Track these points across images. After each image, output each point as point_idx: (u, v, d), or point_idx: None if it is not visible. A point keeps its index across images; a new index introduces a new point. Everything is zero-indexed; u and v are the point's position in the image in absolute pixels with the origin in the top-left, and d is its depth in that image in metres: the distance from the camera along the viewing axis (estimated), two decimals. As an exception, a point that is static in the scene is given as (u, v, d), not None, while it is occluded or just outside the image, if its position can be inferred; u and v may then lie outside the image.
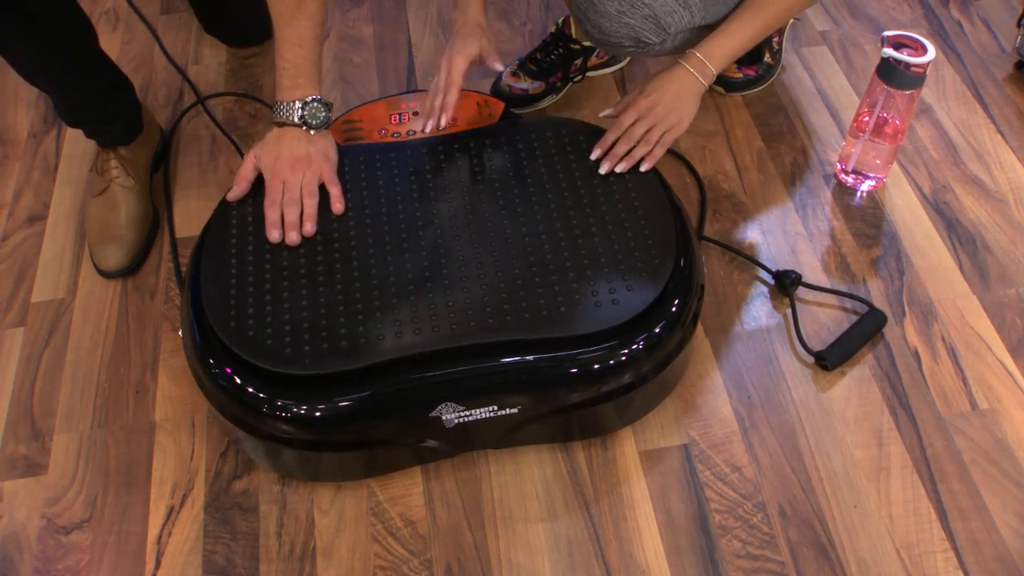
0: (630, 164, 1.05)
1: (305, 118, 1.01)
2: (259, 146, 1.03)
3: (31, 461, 1.05)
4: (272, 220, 0.99)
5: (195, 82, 1.48)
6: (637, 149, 1.06)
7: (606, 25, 1.12)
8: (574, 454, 1.04)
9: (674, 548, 0.97)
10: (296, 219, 1.00)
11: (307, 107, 1.01)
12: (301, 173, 1.01)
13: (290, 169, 1.01)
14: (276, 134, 1.03)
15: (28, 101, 1.47)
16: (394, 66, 1.51)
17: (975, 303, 1.17)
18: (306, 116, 1.01)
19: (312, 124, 1.02)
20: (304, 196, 1.01)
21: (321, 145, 1.03)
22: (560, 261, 0.97)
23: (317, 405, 0.90)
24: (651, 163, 1.05)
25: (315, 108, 1.02)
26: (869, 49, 1.50)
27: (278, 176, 1.01)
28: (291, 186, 1.00)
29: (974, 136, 1.36)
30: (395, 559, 0.97)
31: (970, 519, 0.98)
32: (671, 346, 0.98)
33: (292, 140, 1.02)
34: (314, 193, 1.01)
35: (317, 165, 1.02)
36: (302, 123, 1.01)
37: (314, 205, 1.01)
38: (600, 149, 1.06)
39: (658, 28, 1.11)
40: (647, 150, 1.06)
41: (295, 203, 1.00)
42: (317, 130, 1.02)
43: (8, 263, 1.25)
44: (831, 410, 1.07)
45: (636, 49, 1.15)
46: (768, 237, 1.25)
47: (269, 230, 0.99)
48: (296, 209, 1.00)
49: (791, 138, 1.37)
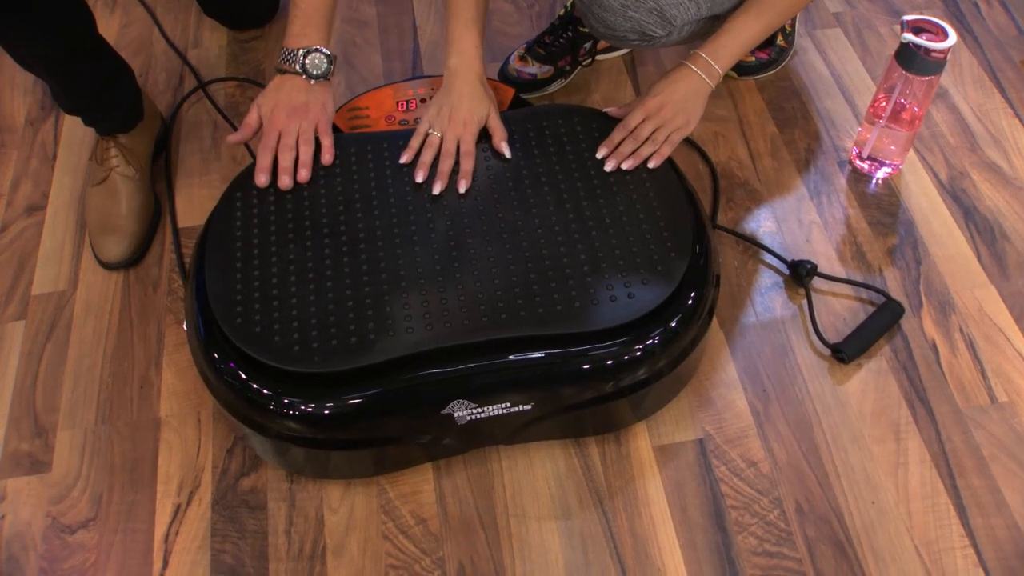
0: (636, 163, 1.02)
1: (307, 67, 1.02)
2: (261, 94, 1.04)
3: (35, 458, 1.03)
4: (263, 165, 1.00)
5: (196, 66, 1.45)
6: (643, 148, 1.03)
7: (610, 19, 1.09)
8: (587, 449, 1.02)
9: (690, 545, 0.96)
10: (290, 164, 1.00)
11: (309, 56, 1.02)
12: (298, 121, 1.01)
13: (287, 116, 1.01)
14: (277, 82, 1.03)
15: (25, 87, 1.44)
16: (399, 49, 1.48)
17: (993, 293, 1.15)
18: (308, 66, 1.02)
19: (313, 74, 1.02)
20: (300, 144, 1.01)
21: (319, 95, 1.03)
22: (574, 255, 0.94)
23: (326, 403, 0.88)
24: (658, 161, 1.03)
25: (318, 58, 1.02)
26: (884, 32, 1.47)
27: (275, 124, 1.01)
28: (287, 132, 1.01)
29: (991, 121, 1.34)
30: (407, 558, 0.95)
31: (990, 515, 0.97)
32: (687, 340, 0.96)
33: (291, 88, 1.02)
34: (310, 141, 1.02)
35: (314, 115, 1.02)
36: (303, 72, 1.02)
37: (309, 152, 1.01)
38: (606, 148, 1.04)
39: (663, 21, 1.08)
40: (653, 149, 1.03)
41: (289, 149, 1.01)
42: (318, 80, 1.03)
43: (7, 254, 1.22)
44: (848, 404, 1.06)
45: (641, 42, 1.12)
46: (782, 226, 1.22)
47: (258, 174, 1.00)
48: (290, 155, 1.01)
49: (805, 124, 1.34)
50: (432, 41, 1.49)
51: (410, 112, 1.13)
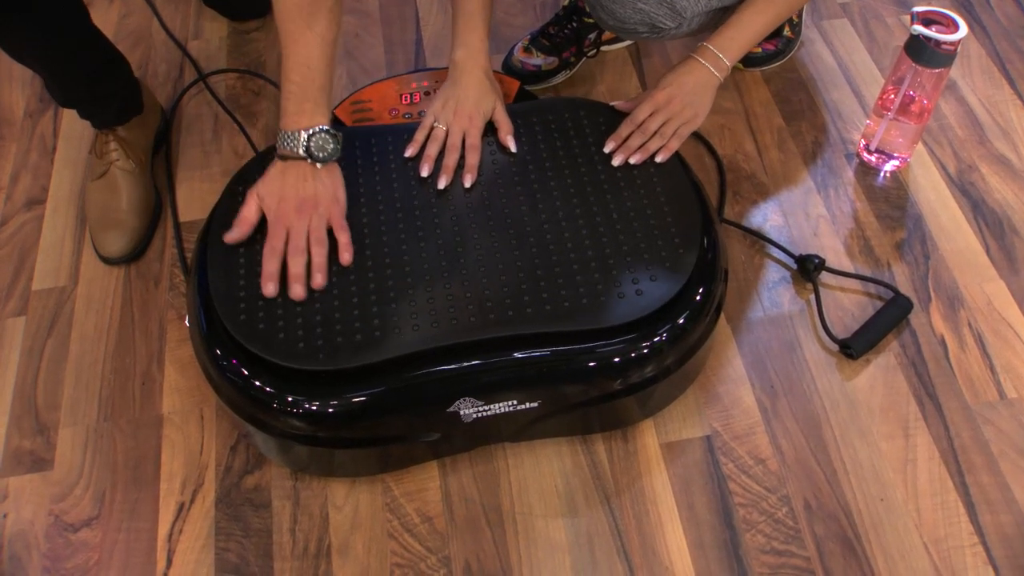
0: (644, 157, 1.01)
1: (311, 151, 0.91)
2: (261, 182, 0.93)
3: (36, 456, 1.02)
4: (269, 272, 0.89)
5: (196, 58, 1.43)
6: (651, 142, 1.02)
7: (619, 12, 1.08)
8: (594, 446, 1.02)
9: (697, 543, 0.95)
10: (302, 271, 0.90)
11: (313, 138, 0.91)
12: (307, 217, 0.91)
13: (296, 212, 0.91)
14: (279, 169, 0.93)
15: (23, 79, 1.42)
16: (401, 40, 1.46)
17: (1002, 288, 1.14)
18: (312, 148, 0.91)
19: (319, 157, 0.92)
20: (312, 244, 0.91)
21: (329, 183, 0.93)
22: (581, 250, 0.93)
23: (331, 401, 0.87)
24: (666, 155, 1.02)
25: (322, 139, 0.92)
26: (891, 22, 1.46)
27: (282, 220, 0.91)
28: (297, 232, 0.90)
29: (1000, 113, 1.32)
30: (412, 556, 0.95)
31: (999, 512, 0.96)
32: (696, 337, 0.95)
33: (297, 177, 0.92)
34: (323, 240, 0.91)
35: (325, 208, 0.92)
36: (307, 156, 0.92)
37: (323, 254, 0.91)
38: (614, 142, 1.02)
39: (673, 13, 1.07)
40: (662, 143, 1.02)
41: (301, 252, 0.90)
42: (324, 163, 0.93)
43: (7, 249, 1.21)
44: (856, 400, 1.05)
45: (651, 34, 1.11)
46: (789, 219, 1.21)
47: (265, 283, 0.89)
48: (302, 259, 0.90)
49: (812, 116, 1.33)
50: (435, 32, 1.47)
51: (414, 105, 1.12)
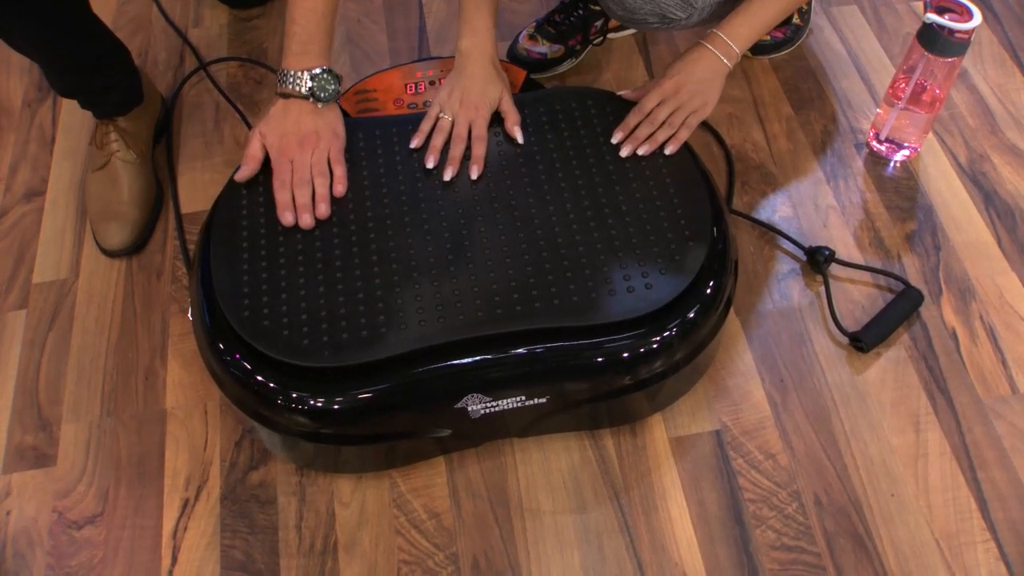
0: (652, 148, 1.00)
1: (314, 90, 0.95)
2: (263, 121, 0.97)
3: (39, 452, 1.01)
4: (283, 201, 0.94)
5: (196, 46, 1.41)
6: (660, 132, 1.00)
7: (629, 2, 1.06)
8: (602, 441, 1.01)
9: (707, 539, 0.94)
10: (308, 201, 0.94)
11: (316, 79, 0.95)
12: (310, 151, 0.96)
13: (298, 147, 0.95)
14: (281, 106, 0.96)
15: (21, 67, 1.40)
16: (404, 28, 1.44)
17: (1014, 280, 1.13)
18: (315, 88, 0.95)
19: (321, 97, 0.96)
20: (314, 175, 0.95)
21: (329, 120, 0.97)
22: (590, 243, 0.92)
23: (337, 398, 0.86)
24: (675, 146, 1.00)
25: (325, 80, 0.96)
26: (901, 8, 1.43)
27: (285, 154, 0.95)
28: (300, 165, 0.95)
29: (1012, 102, 1.31)
30: (420, 553, 0.94)
31: (1011, 508, 0.95)
32: (706, 331, 0.93)
33: (299, 114, 0.96)
34: (325, 172, 0.96)
35: (326, 142, 0.97)
36: (310, 95, 0.95)
37: (326, 185, 0.95)
38: (622, 132, 1.01)
39: (685, 3, 1.05)
40: (670, 133, 1.00)
41: (305, 183, 0.95)
42: (325, 103, 0.97)
43: (7, 241, 1.20)
44: (867, 394, 1.04)
45: (661, 25, 1.09)
46: (799, 210, 1.20)
47: (282, 212, 0.94)
48: (307, 190, 0.95)
49: (821, 104, 1.31)
50: (439, 20, 1.45)
51: (419, 95, 1.10)
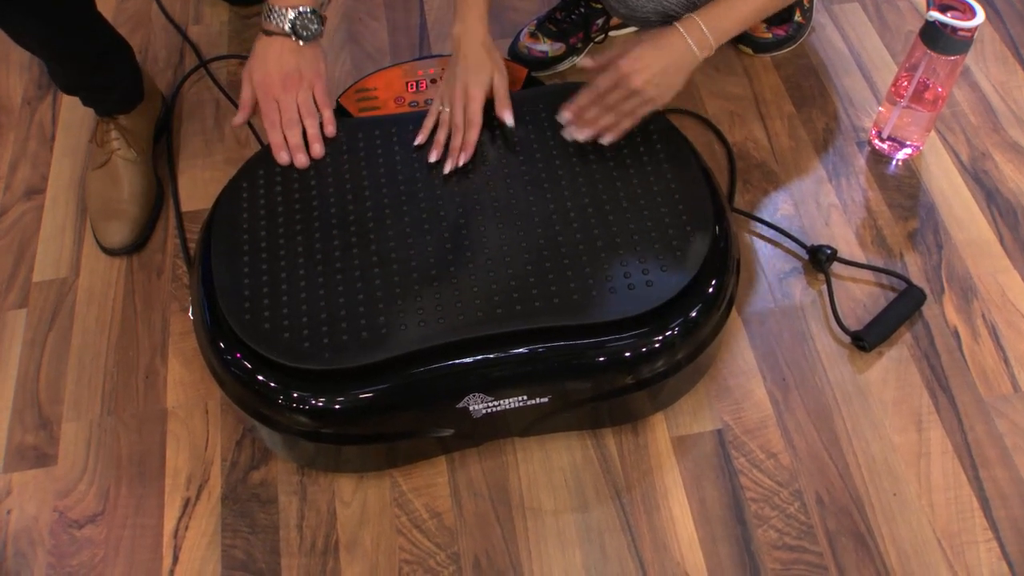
0: (592, 135, 0.98)
1: (296, 28, 0.96)
2: (248, 61, 0.98)
3: (40, 451, 1.01)
4: (277, 142, 0.97)
5: (197, 44, 1.41)
6: (603, 118, 0.98)
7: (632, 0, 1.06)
8: (604, 440, 1.00)
9: (709, 539, 0.94)
10: (300, 141, 0.97)
11: (300, 17, 0.95)
12: (294, 91, 0.97)
13: (281, 86, 0.96)
14: (263, 44, 0.97)
15: (21, 64, 1.40)
16: (405, 25, 1.44)
17: (1016, 278, 1.12)
18: (297, 26, 0.96)
19: (303, 35, 0.96)
20: (304, 116, 0.97)
21: (311, 58, 0.98)
22: (590, 241, 0.92)
23: (338, 399, 0.86)
24: (613, 137, 0.98)
25: (307, 19, 0.96)
26: (903, 6, 1.43)
27: (270, 94, 0.97)
28: (287, 106, 0.97)
29: (1014, 99, 1.30)
30: (421, 552, 0.94)
31: (1014, 507, 0.95)
32: (708, 330, 0.93)
33: (280, 52, 0.96)
34: (313, 113, 0.98)
35: (309, 81, 0.97)
36: (292, 33, 0.96)
37: (316, 125, 0.98)
38: (570, 112, 0.98)
39: (688, 1, 1.04)
40: (613, 121, 0.97)
41: (295, 124, 0.97)
42: (307, 42, 0.97)
43: (7, 239, 1.19)
44: (869, 392, 1.03)
45: (663, 23, 1.08)
46: (801, 209, 1.19)
47: (277, 152, 0.96)
48: (297, 130, 0.97)
49: (823, 102, 1.31)
50: (439, 16, 1.45)
51: (420, 93, 1.10)
